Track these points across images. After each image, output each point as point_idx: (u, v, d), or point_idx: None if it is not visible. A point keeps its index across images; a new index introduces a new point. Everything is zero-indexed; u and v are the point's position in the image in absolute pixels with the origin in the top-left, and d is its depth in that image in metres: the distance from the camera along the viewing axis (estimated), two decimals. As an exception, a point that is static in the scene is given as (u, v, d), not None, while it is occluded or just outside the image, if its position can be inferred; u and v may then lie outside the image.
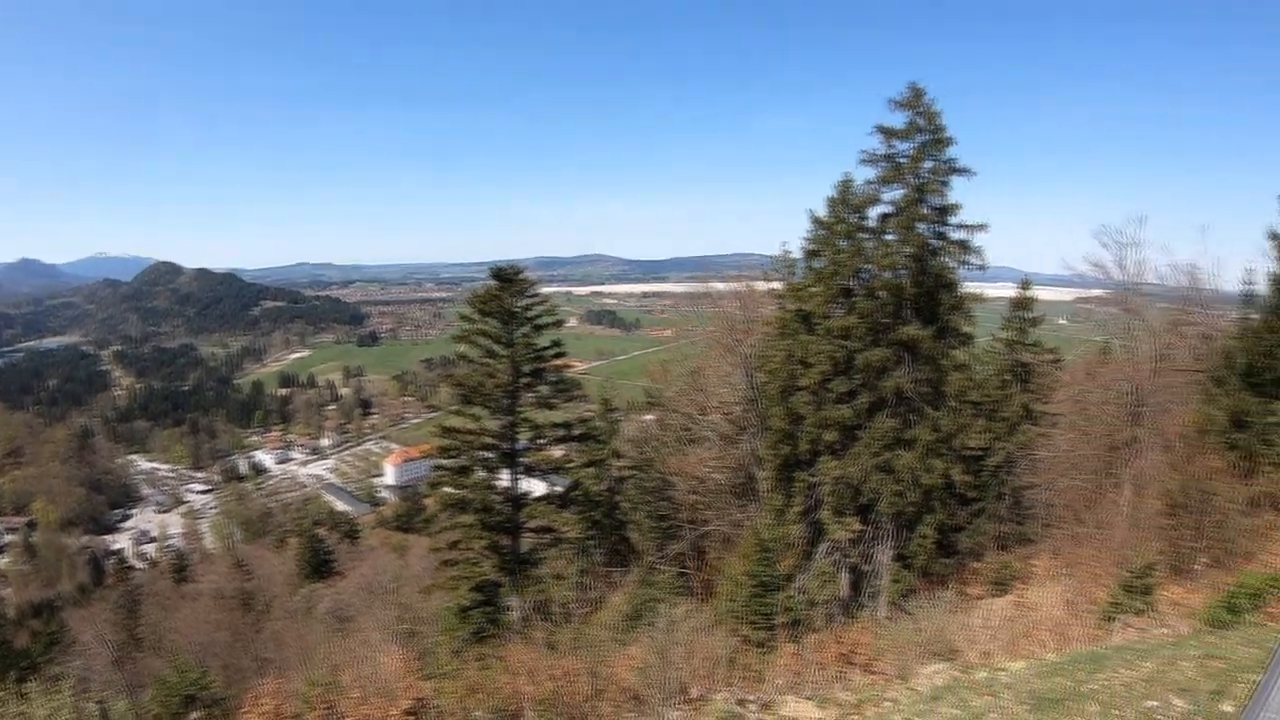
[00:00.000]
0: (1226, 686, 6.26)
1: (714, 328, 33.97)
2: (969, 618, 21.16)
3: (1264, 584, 13.14)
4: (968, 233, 24.61)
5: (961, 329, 24.94)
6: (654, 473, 30.99)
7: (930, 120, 24.43)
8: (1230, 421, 22.82)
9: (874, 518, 23.66)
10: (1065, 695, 9.37)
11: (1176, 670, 9.62)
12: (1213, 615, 13.34)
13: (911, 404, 23.68)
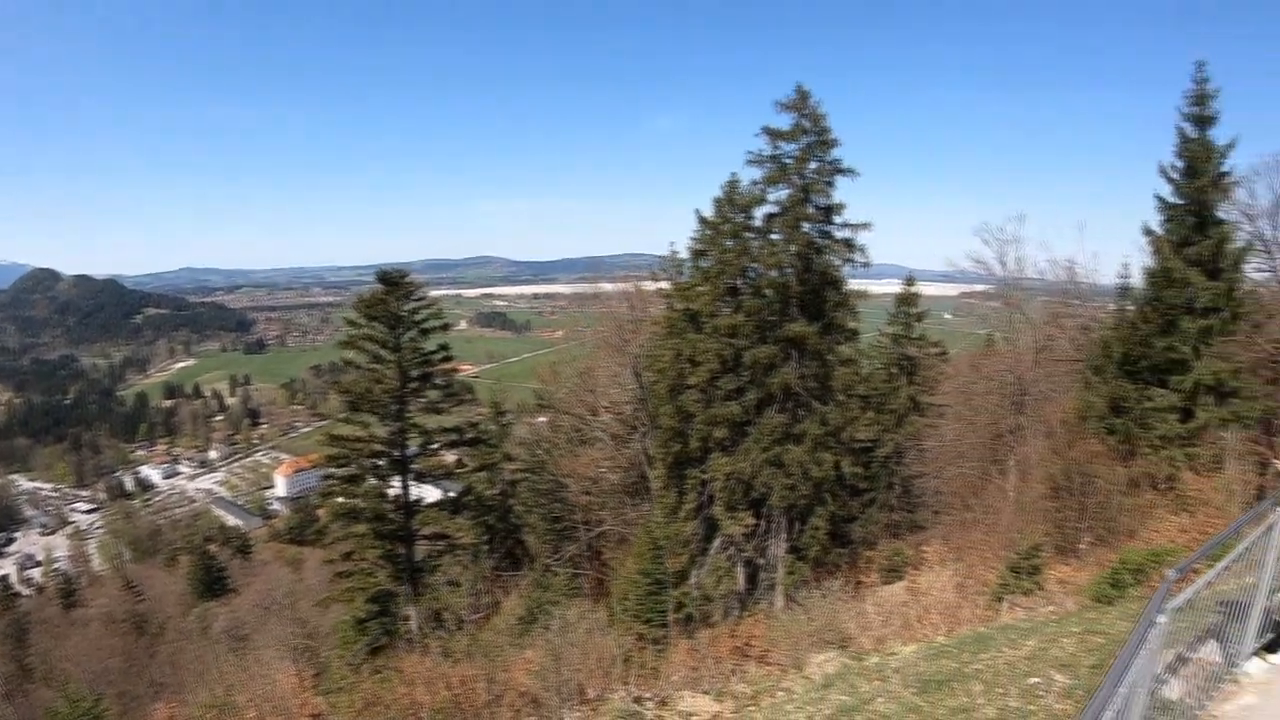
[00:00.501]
0: (1106, 660, 6.45)
1: (603, 328, 34.69)
2: (864, 605, 21.94)
3: (1145, 559, 13.92)
4: (852, 231, 25.79)
5: (847, 325, 26.13)
6: (547, 475, 31.48)
7: (815, 122, 25.51)
8: (1109, 408, 24.64)
9: (766, 511, 24.60)
10: (950, 676, 9.77)
11: (1058, 647, 10.20)
12: (1097, 592, 14.16)
13: (799, 399, 24.64)
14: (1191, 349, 23.96)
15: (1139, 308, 25.82)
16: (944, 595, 20.66)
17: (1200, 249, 24.49)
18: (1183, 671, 5.75)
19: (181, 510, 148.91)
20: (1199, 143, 24.97)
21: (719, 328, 24.08)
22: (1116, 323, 27.49)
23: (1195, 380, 23.66)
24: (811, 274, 25.08)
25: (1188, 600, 4.48)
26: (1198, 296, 24.18)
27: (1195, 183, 24.85)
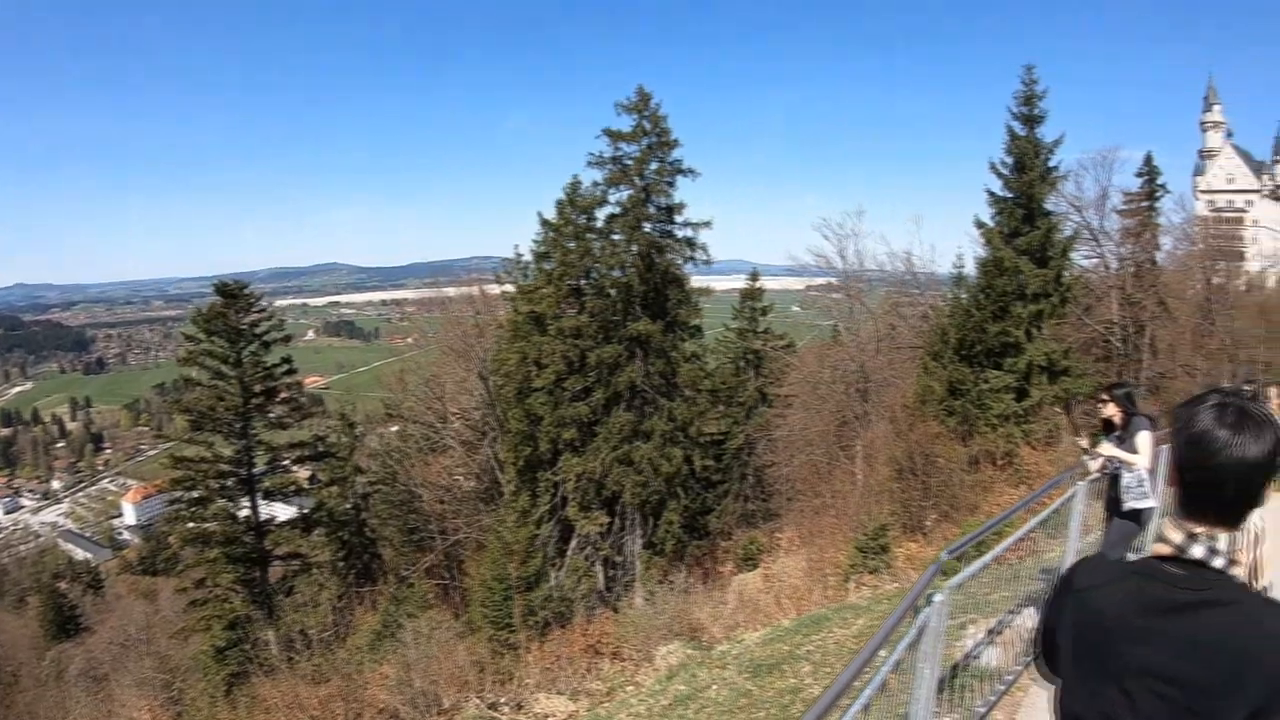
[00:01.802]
0: None
1: (448, 334, 36.41)
2: (722, 594, 24.34)
3: None
4: (693, 230, 28.31)
5: (690, 322, 28.57)
6: (399, 486, 32.71)
7: (656, 123, 27.77)
8: (948, 391, 27.46)
9: (620, 509, 26.65)
10: (783, 659, 10.28)
11: (886, 622, 12.24)
12: (941, 566, 16.96)
13: (646, 397, 26.84)
14: (1024, 332, 27.27)
15: (973, 295, 28.99)
16: (796, 580, 23.13)
17: (1029, 239, 28.09)
18: (1000, 639, 6.21)
19: (26, 547, 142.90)
20: (1028, 140, 28.54)
21: (563, 329, 25.80)
22: (952, 310, 30.64)
23: (1028, 361, 26.99)
24: (654, 273, 27.18)
25: (959, 583, 4.67)
26: (1028, 283, 27.56)
27: (1024, 177, 28.38)
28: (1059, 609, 1.67)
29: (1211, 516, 1.55)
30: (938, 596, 3.68)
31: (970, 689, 5.24)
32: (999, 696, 5.24)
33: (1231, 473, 1.49)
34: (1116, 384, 6.81)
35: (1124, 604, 1.56)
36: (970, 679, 5.39)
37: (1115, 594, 1.58)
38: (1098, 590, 1.60)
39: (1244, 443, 1.48)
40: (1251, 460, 1.48)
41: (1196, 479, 1.54)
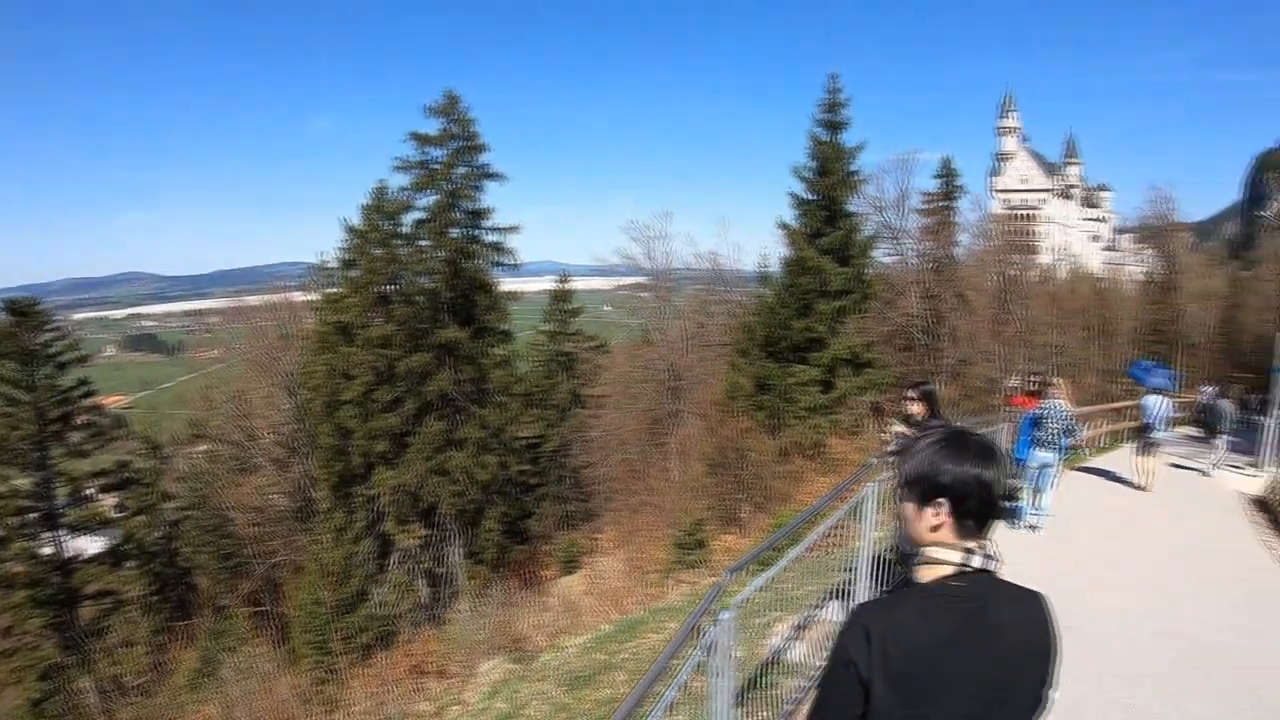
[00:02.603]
0: (740, 632, 6.41)
1: (252, 346, 36.38)
2: (546, 599, 25.32)
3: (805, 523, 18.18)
4: (501, 234, 29.59)
5: (499, 327, 29.66)
6: (211, 510, 32.18)
7: (464, 127, 28.92)
8: (756, 386, 29.81)
9: (438, 520, 27.40)
10: (599, 669, 10.44)
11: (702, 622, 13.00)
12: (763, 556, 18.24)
13: (458, 404, 27.85)
14: (827, 328, 29.95)
15: (778, 294, 31.70)
16: (617, 581, 24.58)
17: (832, 239, 30.79)
18: (807, 634, 6.47)
19: None
20: (830, 145, 31.35)
21: (371, 339, 26.38)
22: (758, 308, 33.13)
23: (833, 355, 29.60)
24: (462, 279, 28.32)
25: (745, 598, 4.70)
26: (831, 281, 30.24)
27: (827, 180, 31.11)
28: (865, 660, 1.71)
29: (978, 531, 1.83)
30: (724, 615, 3.77)
31: (779, 686, 5.50)
32: (805, 692, 5.46)
33: (971, 491, 1.79)
34: (923, 383, 7.24)
35: (931, 629, 1.73)
36: (779, 676, 5.67)
37: (918, 622, 1.74)
38: (899, 626, 1.73)
39: (990, 467, 1.81)
40: (998, 479, 1.82)
41: (975, 507, 1.81)
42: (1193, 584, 9.01)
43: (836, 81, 31.22)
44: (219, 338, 48.70)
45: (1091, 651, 6.48)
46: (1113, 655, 6.52)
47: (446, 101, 28.60)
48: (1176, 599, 8.35)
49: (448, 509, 27.04)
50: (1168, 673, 6.22)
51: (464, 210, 28.86)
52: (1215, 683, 6.10)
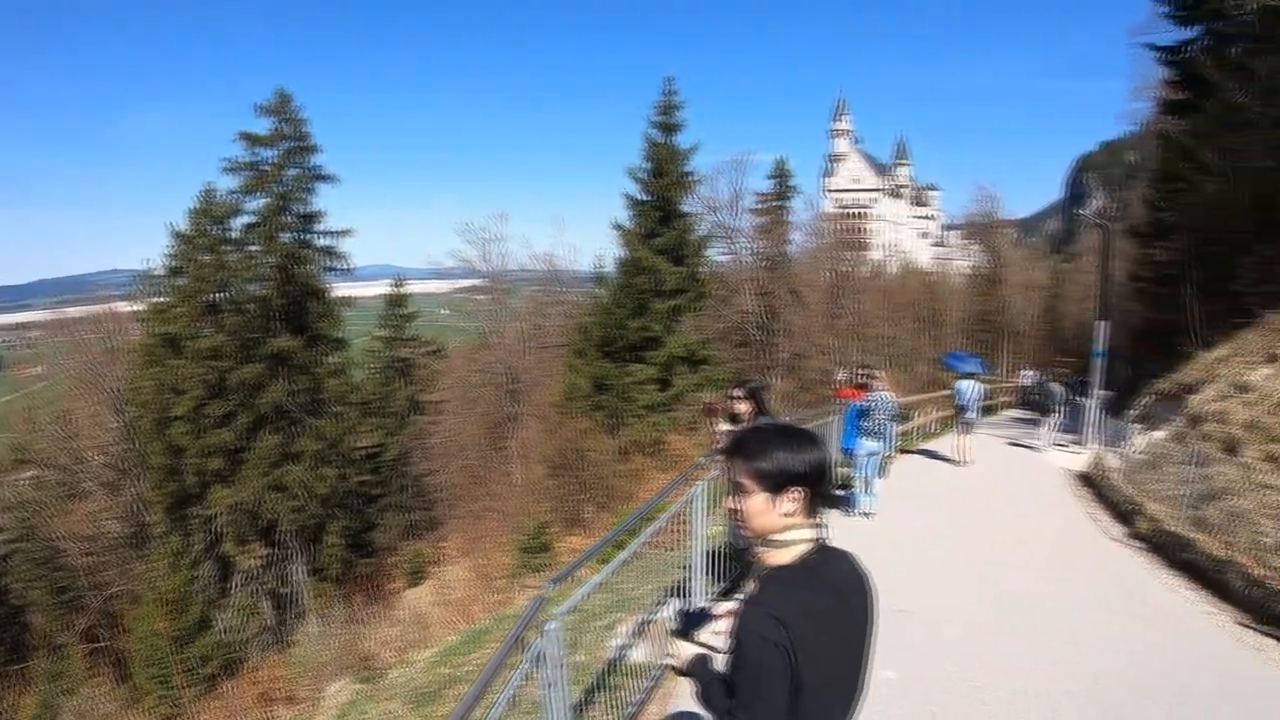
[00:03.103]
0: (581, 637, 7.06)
1: (75, 362, 35.99)
2: (394, 613, 26.23)
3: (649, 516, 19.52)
4: (334, 238, 30.53)
5: (333, 334, 30.51)
6: (41, 541, 31.39)
7: (296, 126, 29.64)
8: (594, 387, 31.63)
9: (279, 538, 27.89)
10: (445, 683, 10.64)
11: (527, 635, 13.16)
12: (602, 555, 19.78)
13: (293, 416, 28.43)
14: (663, 326, 32.06)
15: (613, 294, 33.70)
16: (463, 590, 25.56)
17: (667, 239, 33.13)
18: (648, 633, 6.74)
19: None
20: (665, 147, 33.68)
21: (200, 350, 26.56)
22: (594, 309, 35.12)
23: (669, 354, 31.73)
24: (293, 285, 28.96)
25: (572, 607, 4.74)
26: (666, 280, 32.43)
27: (661, 182, 33.45)
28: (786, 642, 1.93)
29: (820, 509, 2.18)
30: (551, 625, 3.87)
31: (623, 687, 5.65)
32: (649, 692, 5.70)
33: (821, 474, 2.13)
34: (749, 381, 7.44)
35: (826, 601, 2.07)
36: (623, 677, 5.82)
37: (817, 597, 2.06)
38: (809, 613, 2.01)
39: (820, 451, 2.16)
40: (830, 462, 2.23)
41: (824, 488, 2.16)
42: (1024, 558, 10.07)
43: (673, 84, 33.82)
44: (41, 353, 46.88)
45: (928, 632, 7.12)
46: (948, 634, 7.14)
47: (278, 100, 29.20)
48: (1008, 573, 9.26)
49: (288, 526, 27.49)
50: (999, 647, 6.89)
51: (295, 213, 29.51)
52: (1047, 653, 6.82)
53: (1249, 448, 10.50)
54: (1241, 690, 6.24)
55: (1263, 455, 10.14)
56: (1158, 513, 11.11)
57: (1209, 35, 23.33)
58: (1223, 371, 13.54)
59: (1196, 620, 7.96)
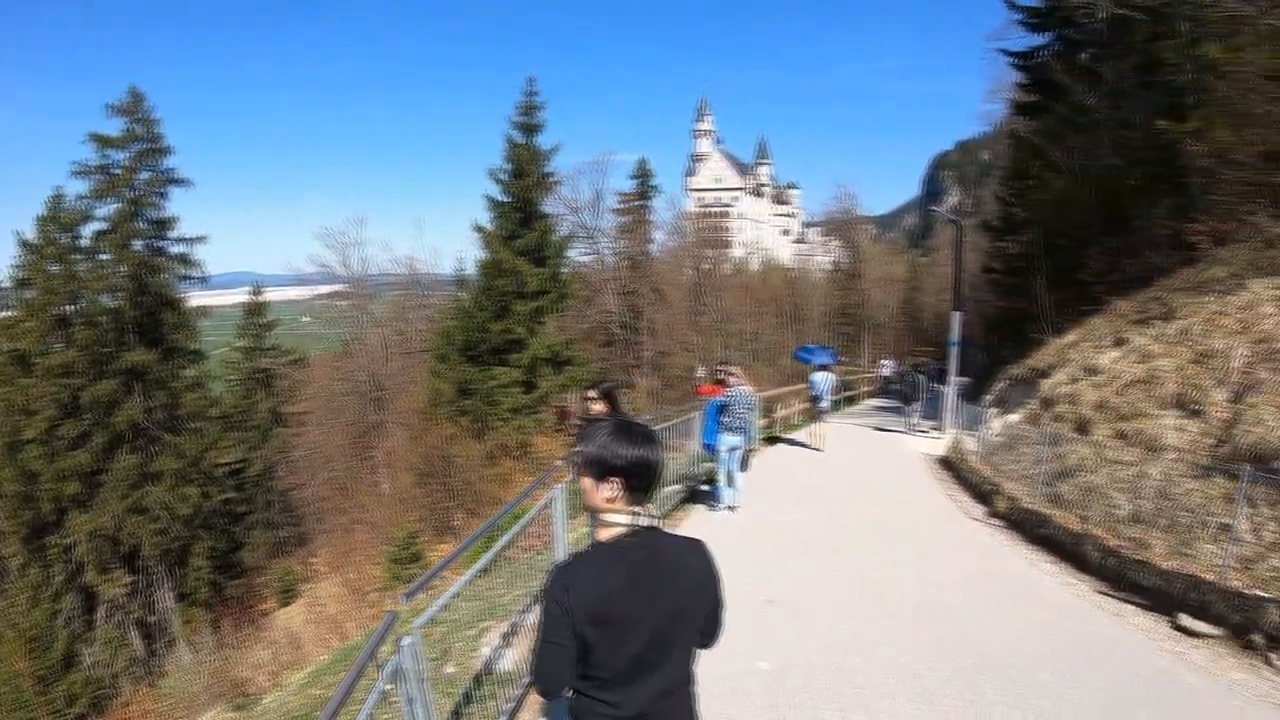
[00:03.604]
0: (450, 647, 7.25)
1: None
2: (268, 634, 27.23)
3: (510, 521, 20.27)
4: (188, 245, 31.00)
5: (190, 346, 30.94)
6: None
7: (149, 128, 30.07)
8: (458, 391, 33.26)
9: (143, 564, 27.89)
10: (315, 706, 10.62)
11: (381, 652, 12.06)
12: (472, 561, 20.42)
13: (151, 434, 28.65)
14: (526, 328, 33.97)
15: (475, 297, 35.50)
16: (336, 606, 26.63)
17: (528, 240, 35.15)
18: (516, 639, 6.98)
19: None
20: (526, 148, 35.81)
21: (51, 367, 26.53)
22: (456, 312, 36.77)
23: (533, 355, 33.63)
24: (147, 295, 29.18)
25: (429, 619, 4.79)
26: (528, 282, 34.41)
27: (522, 183, 35.52)
28: (566, 604, 2.41)
29: (644, 498, 2.61)
30: (406, 640, 4.01)
31: (495, 696, 5.91)
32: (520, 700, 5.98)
33: (640, 470, 2.56)
34: (603, 382, 7.77)
35: (614, 575, 2.48)
36: (494, 686, 6.06)
37: (612, 572, 2.49)
38: (601, 585, 2.45)
39: (651, 449, 2.60)
40: (658, 459, 2.61)
41: (639, 483, 2.58)
42: (887, 541, 10.69)
43: (534, 85, 36.20)
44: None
45: (797, 621, 7.62)
46: (817, 622, 7.60)
47: (131, 99, 29.58)
48: (872, 558, 9.85)
49: (151, 550, 27.59)
50: (867, 630, 7.36)
51: (148, 219, 29.93)
52: (913, 632, 7.31)
53: (1099, 427, 11.70)
54: (1104, 654, 6.92)
55: (1112, 433, 11.26)
56: (1015, 491, 12.27)
57: (1059, 41, 26.91)
58: (1073, 356, 14.96)
59: (1057, 591, 8.74)
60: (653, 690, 2.58)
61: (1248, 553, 7.76)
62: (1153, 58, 21.11)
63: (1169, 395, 10.82)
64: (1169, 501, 9.13)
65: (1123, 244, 20.74)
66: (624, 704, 2.55)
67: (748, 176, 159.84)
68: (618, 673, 2.53)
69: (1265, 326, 10.29)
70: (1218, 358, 10.52)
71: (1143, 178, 21.10)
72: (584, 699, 2.59)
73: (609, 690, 2.55)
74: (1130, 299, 15.51)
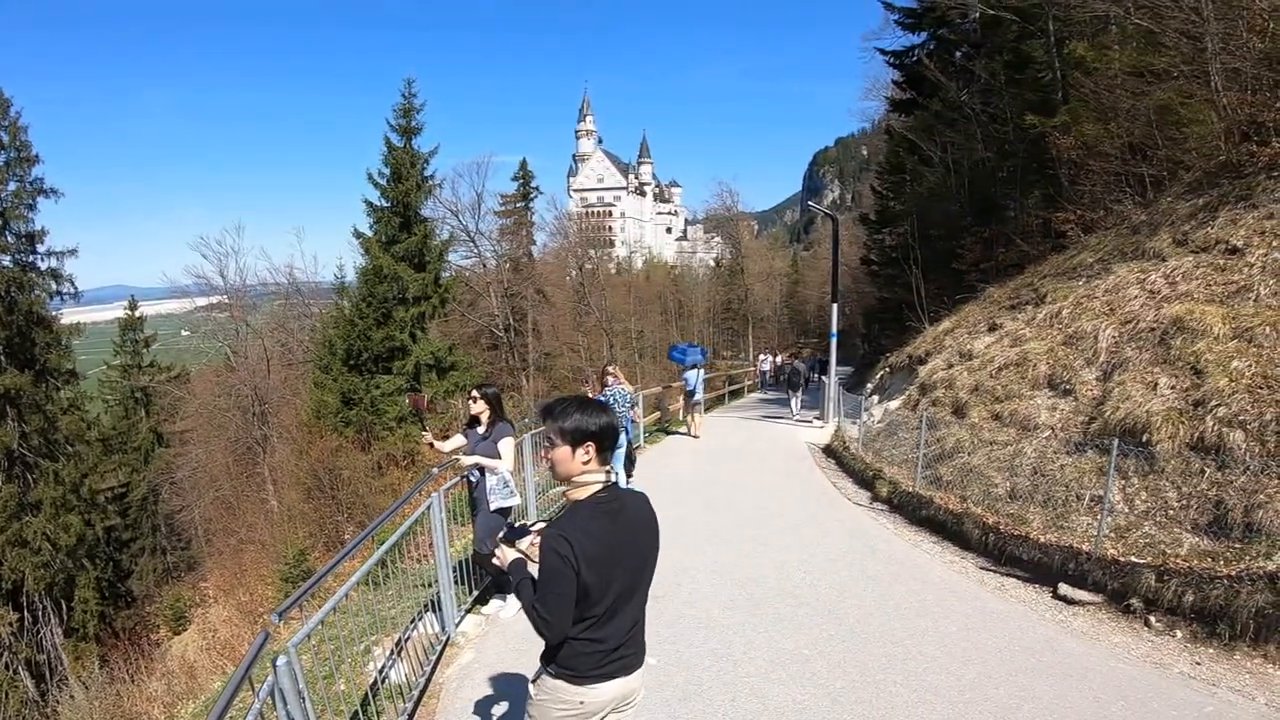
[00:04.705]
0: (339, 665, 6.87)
1: None
2: (161, 664, 25.50)
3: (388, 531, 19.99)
4: (59, 260, 29.90)
5: (65, 367, 29.90)
6: None
7: (15, 135, 29.00)
8: (342, 402, 33.01)
9: (27, 599, 26.90)
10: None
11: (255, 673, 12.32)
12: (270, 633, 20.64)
13: (26, 461, 27.73)
14: (409, 335, 34.07)
15: (356, 304, 35.26)
16: (230, 630, 25.23)
17: (407, 245, 35.15)
18: (405, 652, 6.80)
19: None
20: (405, 151, 35.75)
21: None
22: (336, 320, 36.57)
23: (416, 362, 33.80)
24: (16, 314, 28.15)
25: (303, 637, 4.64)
26: (409, 287, 34.50)
27: (401, 186, 35.47)
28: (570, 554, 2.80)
29: (609, 458, 3.08)
30: (281, 660, 3.90)
31: (385, 711, 5.88)
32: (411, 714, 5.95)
33: (609, 434, 3.02)
34: (487, 384, 7.88)
35: (601, 526, 2.93)
36: (385, 700, 6.04)
37: (598, 523, 2.93)
38: (591, 536, 2.87)
39: (611, 417, 3.08)
40: (616, 425, 3.08)
41: (610, 445, 3.04)
42: (773, 531, 10.94)
43: (412, 86, 36.14)
44: None
45: (687, 615, 7.80)
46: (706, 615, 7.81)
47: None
48: (759, 548, 10.08)
49: (36, 585, 26.67)
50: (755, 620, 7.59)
51: (16, 233, 28.94)
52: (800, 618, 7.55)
53: (975, 409, 12.26)
54: (989, 627, 7.24)
55: (988, 415, 11.84)
56: (896, 476, 12.89)
57: (934, 40, 28.05)
58: (948, 342, 15.69)
59: (940, 570, 9.10)
60: (627, 623, 3.08)
61: (1121, 522, 8.26)
62: (1023, 56, 22.43)
63: (1041, 376, 11.41)
64: (1044, 478, 9.66)
65: (995, 233, 21.70)
66: (608, 638, 3.01)
67: (630, 175, 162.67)
68: (605, 610, 2.96)
69: (1131, 308, 10.89)
70: (1087, 339, 11.12)
71: (1013, 170, 22.24)
72: (575, 642, 3.00)
73: (597, 628, 2.98)
74: (1003, 286, 16.28)
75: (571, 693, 3.09)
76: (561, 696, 3.10)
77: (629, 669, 3.16)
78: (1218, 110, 13.18)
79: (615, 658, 3.09)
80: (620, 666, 3.11)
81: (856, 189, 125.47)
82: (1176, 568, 7.19)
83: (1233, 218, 10.93)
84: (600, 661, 3.05)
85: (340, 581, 6.75)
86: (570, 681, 3.07)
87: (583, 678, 3.06)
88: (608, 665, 3.07)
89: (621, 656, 3.11)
